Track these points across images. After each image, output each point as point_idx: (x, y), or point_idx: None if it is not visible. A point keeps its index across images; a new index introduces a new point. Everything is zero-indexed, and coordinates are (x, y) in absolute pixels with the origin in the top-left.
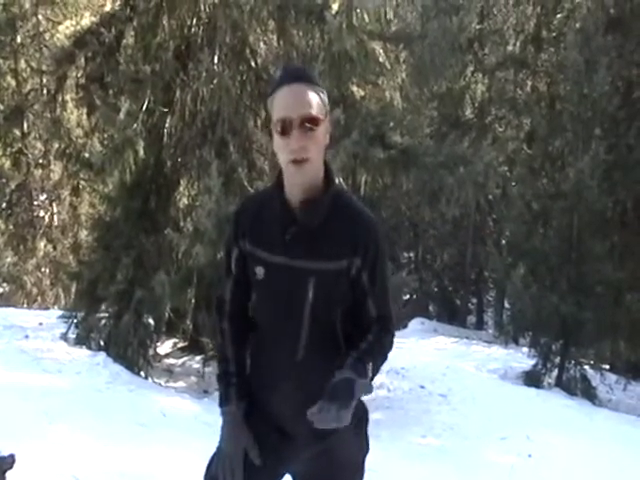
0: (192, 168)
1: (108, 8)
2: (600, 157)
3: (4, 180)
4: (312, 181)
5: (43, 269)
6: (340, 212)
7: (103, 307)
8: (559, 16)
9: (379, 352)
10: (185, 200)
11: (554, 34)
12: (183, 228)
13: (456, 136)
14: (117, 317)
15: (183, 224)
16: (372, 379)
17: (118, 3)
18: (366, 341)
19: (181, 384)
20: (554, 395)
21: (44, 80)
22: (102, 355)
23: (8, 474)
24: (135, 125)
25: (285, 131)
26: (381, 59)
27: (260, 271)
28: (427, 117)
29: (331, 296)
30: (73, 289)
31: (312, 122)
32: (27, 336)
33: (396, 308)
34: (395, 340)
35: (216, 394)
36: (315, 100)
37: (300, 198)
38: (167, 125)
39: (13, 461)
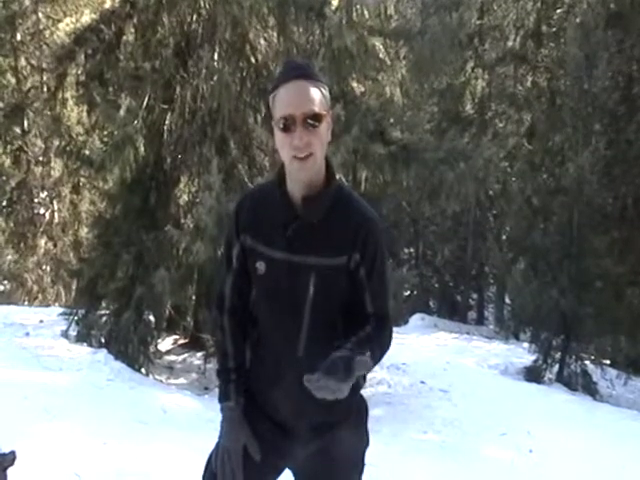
0: (192, 165)
1: (108, 5)
2: (600, 152)
3: (4, 178)
4: (314, 177)
5: (44, 267)
6: (341, 207)
7: (104, 304)
8: (559, 11)
9: (377, 343)
10: (185, 197)
11: (554, 29)
12: (183, 225)
13: (456, 132)
14: (118, 314)
15: (183, 221)
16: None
17: (118, 0)
18: (364, 331)
19: (182, 381)
20: (555, 390)
21: (44, 77)
22: (103, 352)
23: (9, 471)
24: (135, 122)
25: (288, 128)
26: (381, 55)
27: (261, 266)
28: (427, 113)
29: (331, 291)
30: (74, 286)
31: (315, 119)
32: (28, 333)
33: (396, 304)
34: (396, 336)
35: (217, 391)
36: (318, 96)
37: (302, 194)
38: (167, 122)
39: (14, 458)
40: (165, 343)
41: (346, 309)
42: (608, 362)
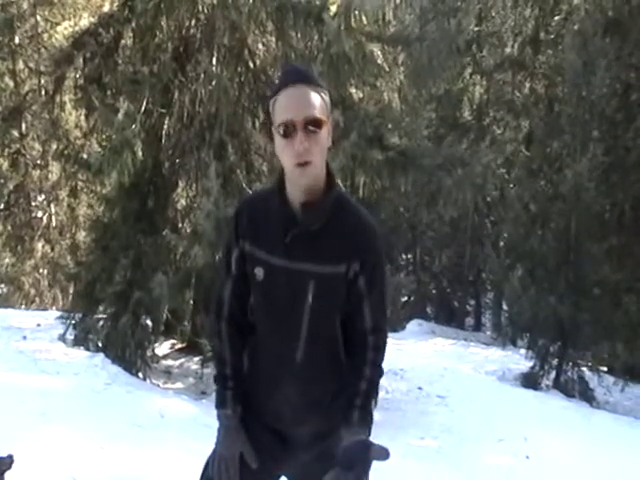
0: (190, 169)
1: (106, 9)
2: (598, 159)
3: (2, 181)
4: (314, 183)
5: (41, 270)
6: (341, 215)
7: (101, 308)
8: (557, 18)
9: (377, 381)
10: (183, 201)
11: (552, 36)
12: (181, 229)
13: (454, 138)
14: (115, 318)
15: (181, 225)
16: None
17: (116, 4)
18: (365, 379)
19: (179, 385)
20: (552, 397)
21: (42, 81)
22: (100, 356)
23: (6, 475)
24: (133, 126)
25: (288, 134)
26: (379, 61)
27: (260, 272)
28: (425, 119)
29: (330, 299)
30: (71, 290)
31: (315, 124)
32: (25, 337)
33: (394, 309)
34: (393, 341)
35: (214, 395)
36: (318, 102)
37: (301, 200)
38: (165, 126)
39: (12, 462)
40: (162, 347)
41: (344, 318)
42: (605, 369)
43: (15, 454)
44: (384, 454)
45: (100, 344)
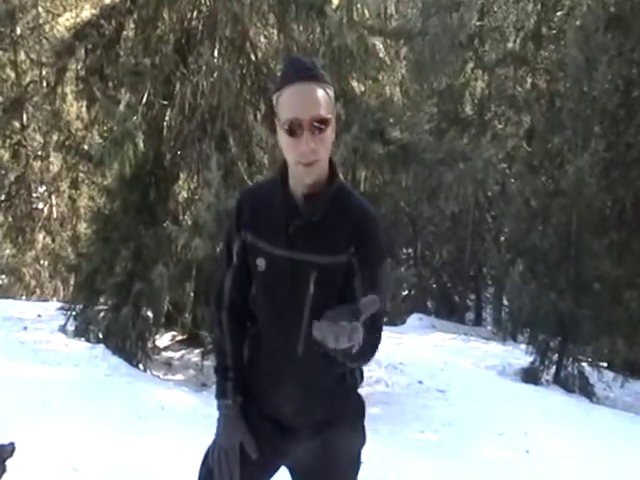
0: (192, 161)
1: (108, 0)
2: (599, 155)
3: (3, 172)
4: (318, 177)
5: (42, 261)
6: (340, 205)
7: (102, 299)
8: (559, 13)
9: (374, 334)
10: (184, 193)
11: (554, 31)
12: (182, 221)
13: (456, 132)
14: (116, 309)
15: (182, 217)
16: (360, 357)
17: None
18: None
19: (180, 377)
20: (552, 392)
21: (44, 72)
22: (101, 347)
23: (8, 462)
24: (135, 118)
25: (294, 132)
26: (381, 54)
27: (261, 263)
28: (427, 113)
29: (332, 290)
30: (72, 281)
31: (322, 123)
32: (26, 328)
33: (394, 304)
34: (393, 335)
35: (214, 387)
36: (324, 100)
37: (304, 192)
38: (167, 118)
39: (13, 449)
40: (163, 339)
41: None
42: (605, 364)
43: (16, 443)
44: (372, 301)
45: (101, 335)
